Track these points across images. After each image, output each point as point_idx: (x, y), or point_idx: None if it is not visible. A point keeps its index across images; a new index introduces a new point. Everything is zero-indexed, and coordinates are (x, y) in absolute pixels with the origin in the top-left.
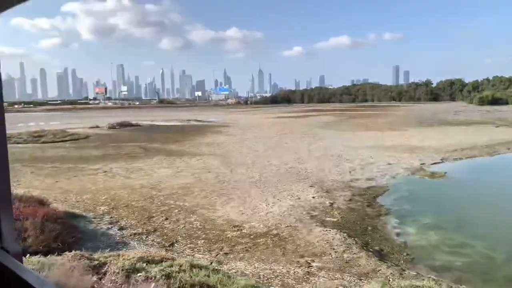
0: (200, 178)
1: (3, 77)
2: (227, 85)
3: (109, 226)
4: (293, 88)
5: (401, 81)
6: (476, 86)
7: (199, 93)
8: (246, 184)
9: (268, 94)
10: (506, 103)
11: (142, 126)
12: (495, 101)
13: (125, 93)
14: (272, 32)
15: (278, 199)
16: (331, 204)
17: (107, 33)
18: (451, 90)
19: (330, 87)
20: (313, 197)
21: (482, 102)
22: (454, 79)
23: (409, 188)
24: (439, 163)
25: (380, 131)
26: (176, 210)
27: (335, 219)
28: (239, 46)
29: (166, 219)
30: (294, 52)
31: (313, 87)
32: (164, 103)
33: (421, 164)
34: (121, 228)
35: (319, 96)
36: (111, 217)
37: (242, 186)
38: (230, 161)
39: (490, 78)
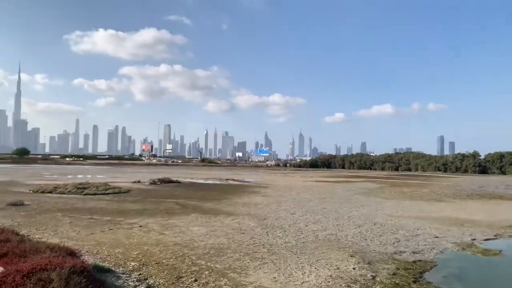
0: (234, 239)
1: (60, 132)
2: (267, 147)
3: (137, 283)
4: (333, 153)
5: (446, 152)
6: None
7: (240, 154)
8: (281, 249)
9: (308, 158)
10: None
11: (182, 183)
12: None
13: (170, 151)
14: (315, 98)
15: (315, 268)
16: (373, 277)
17: (158, 95)
18: (501, 163)
19: (371, 154)
20: (354, 268)
21: None
22: (505, 152)
23: (459, 265)
24: (492, 239)
25: (425, 201)
26: (207, 272)
27: None
28: (281, 111)
29: (196, 280)
30: (336, 118)
31: (354, 153)
32: (206, 162)
33: (472, 239)
34: (148, 287)
35: (360, 163)
36: (140, 274)
37: (278, 250)
38: (266, 223)
39: None
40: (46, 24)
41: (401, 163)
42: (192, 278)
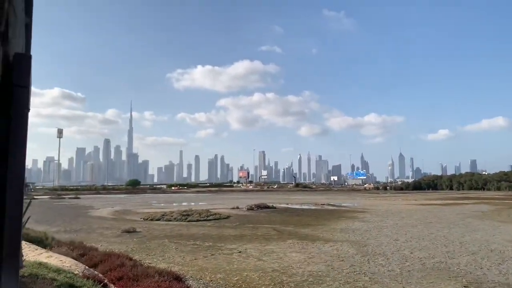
0: (333, 266)
1: (166, 163)
2: (364, 170)
3: None
4: (438, 173)
5: None
6: None
7: (335, 178)
8: (384, 277)
9: (410, 180)
10: None
11: (277, 209)
12: None
13: (265, 177)
14: (414, 115)
15: None
16: None
17: (252, 123)
18: None
19: (483, 172)
20: None
21: None
22: None
23: None
24: None
25: None
26: None
27: None
28: (377, 131)
29: None
30: (440, 136)
31: (463, 173)
32: (300, 187)
33: None
34: None
35: (471, 183)
36: None
37: (380, 279)
38: (366, 250)
39: None
40: (151, 63)
41: None
42: None
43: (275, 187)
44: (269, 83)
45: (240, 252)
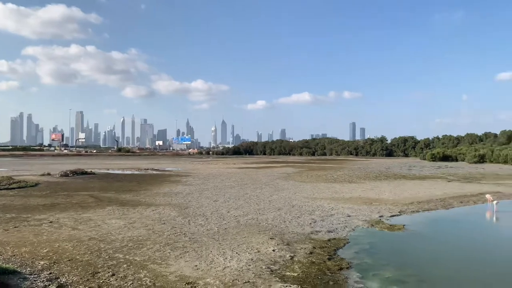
0: (154, 230)
1: None
2: (189, 135)
3: (47, 283)
4: (255, 140)
5: (357, 137)
6: (427, 144)
7: (160, 142)
8: (203, 236)
9: (230, 145)
10: (456, 159)
11: (97, 174)
12: (445, 158)
13: (83, 140)
14: (238, 86)
15: (236, 253)
16: (292, 258)
17: (69, 78)
18: (404, 147)
19: (290, 140)
20: (273, 250)
21: (434, 158)
22: (407, 136)
23: (369, 240)
24: (397, 215)
25: (339, 183)
26: (125, 265)
27: (295, 274)
28: (204, 98)
29: (113, 275)
30: (258, 106)
31: (275, 140)
32: (123, 152)
33: (380, 216)
34: (60, 286)
35: (280, 149)
36: (51, 273)
37: (199, 238)
38: (187, 212)
39: (440, 136)
40: None
41: (317, 148)
42: (109, 272)
43: (94, 151)
44: (90, 34)
45: (51, 222)
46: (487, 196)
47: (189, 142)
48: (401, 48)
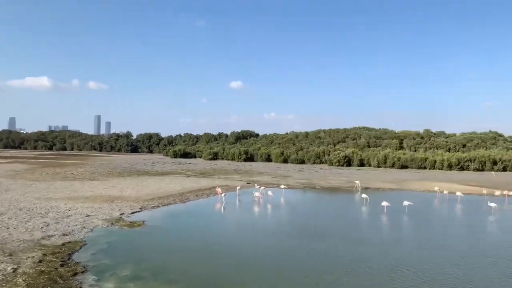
0: None
1: None
2: None
3: None
4: None
5: (103, 131)
6: (170, 141)
7: None
8: None
9: None
10: (195, 156)
11: None
12: (186, 154)
13: None
14: None
15: None
16: (15, 270)
17: None
18: (149, 143)
19: (22, 131)
20: None
21: (176, 155)
22: (152, 133)
23: (108, 240)
24: (138, 212)
25: (79, 181)
26: None
27: None
28: None
29: None
30: None
31: (0, 130)
32: None
33: (121, 214)
34: None
35: (8, 141)
36: None
37: None
38: None
39: (182, 134)
40: None
41: (56, 142)
42: None
43: None
44: None
45: None
46: (218, 189)
47: None
48: (152, 41)
